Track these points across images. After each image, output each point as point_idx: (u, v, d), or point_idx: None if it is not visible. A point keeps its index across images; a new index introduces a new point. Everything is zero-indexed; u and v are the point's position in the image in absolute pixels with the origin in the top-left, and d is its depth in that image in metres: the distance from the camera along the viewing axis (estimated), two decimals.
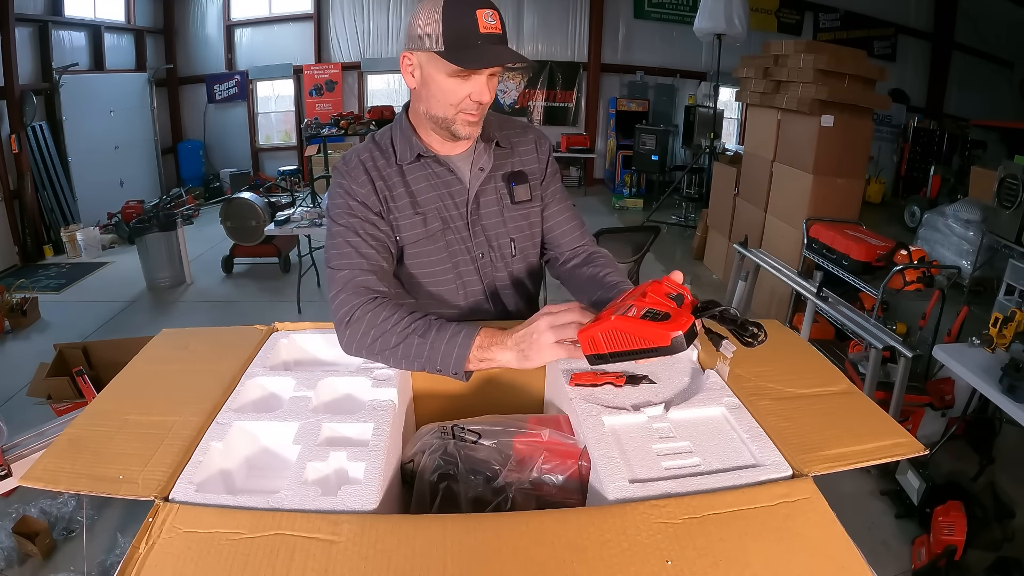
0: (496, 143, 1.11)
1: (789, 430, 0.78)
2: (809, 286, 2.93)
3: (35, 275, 5.05)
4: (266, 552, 0.58)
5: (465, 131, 1.01)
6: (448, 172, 1.08)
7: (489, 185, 1.11)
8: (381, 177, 1.05)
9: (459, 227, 1.10)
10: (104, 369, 2.73)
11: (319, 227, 4.13)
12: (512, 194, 1.11)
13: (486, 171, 1.10)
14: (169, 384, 0.88)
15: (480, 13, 0.92)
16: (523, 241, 1.16)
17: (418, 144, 1.06)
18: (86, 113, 6.31)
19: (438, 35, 0.92)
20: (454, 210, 1.09)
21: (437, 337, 0.88)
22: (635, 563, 0.57)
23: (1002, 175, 4.01)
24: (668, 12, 8.10)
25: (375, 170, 1.05)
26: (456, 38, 0.92)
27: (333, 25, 8.27)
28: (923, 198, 6.28)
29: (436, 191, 1.08)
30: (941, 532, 2.00)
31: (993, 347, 2.15)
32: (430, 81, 0.98)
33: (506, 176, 1.12)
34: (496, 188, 1.12)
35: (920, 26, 8.05)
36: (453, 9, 0.91)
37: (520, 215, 1.14)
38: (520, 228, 1.15)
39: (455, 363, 0.87)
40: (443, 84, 0.96)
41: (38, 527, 2.08)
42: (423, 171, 1.08)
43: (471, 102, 0.98)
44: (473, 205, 1.10)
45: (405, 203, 1.06)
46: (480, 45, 0.93)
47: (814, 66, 3.58)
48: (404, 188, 1.06)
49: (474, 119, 1.01)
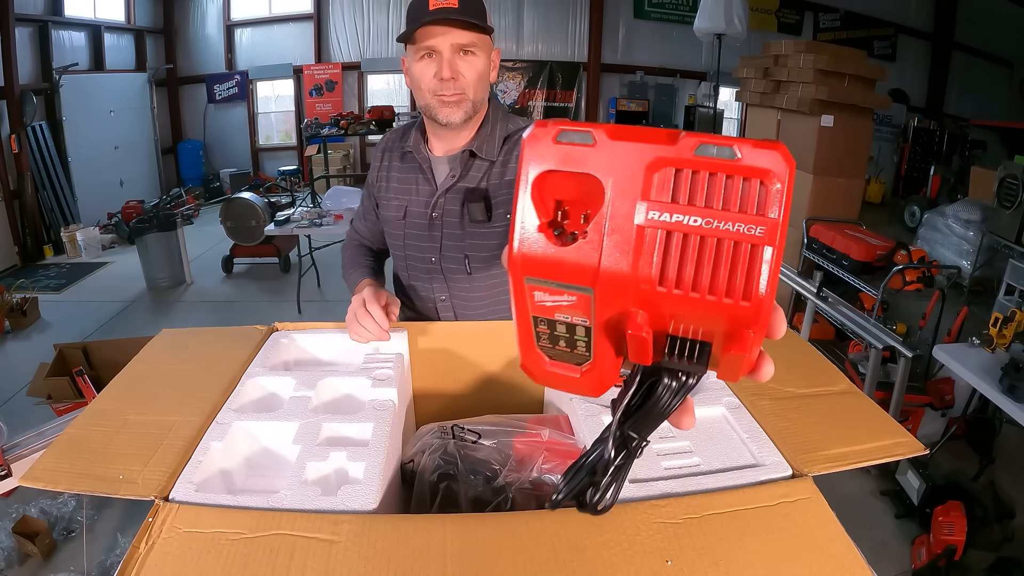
0: (470, 152, 1.07)
1: (789, 430, 0.78)
2: (809, 286, 2.93)
3: (35, 275, 5.05)
4: (266, 552, 0.58)
5: (443, 114, 1.02)
6: (421, 170, 1.12)
7: (457, 195, 1.08)
8: (389, 158, 1.19)
9: (419, 224, 1.12)
10: (104, 369, 2.73)
11: (319, 227, 4.13)
12: (470, 212, 1.06)
13: (456, 178, 1.08)
14: (169, 384, 0.88)
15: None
16: (478, 262, 1.10)
17: (417, 139, 1.12)
18: (86, 113, 6.31)
19: (404, 27, 0.99)
20: (417, 205, 1.12)
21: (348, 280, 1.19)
22: (635, 563, 0.57)
23: (1002, 175, 4.01)
24: (668, 12, 8.10)
25: (388, 151, 1.19)
26: (411, 20, 0.97)
27: (333, 25, 8.27)
28: (923, 198, 6.28)
29: (409, 181, 1.14)
30: (941, 532, 2.00)
31: (993, 347, 2.15)
32: (411, 73, 1.04)
33: (469, 192, 1.07)
34: (459, 200, 1.09)
35: (920, 26, 8.05)
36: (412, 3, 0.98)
37: (478, 235, 1.08)
38: (477, 247, 1.10)
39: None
40: (414, 71, 1.02)
41: (38, 527, 2.08)
42: (410, 162, 1.15)
43: (439, 82, 1.00)
44: (436, 212, 1.10)
45: (389, 184, 1.18)
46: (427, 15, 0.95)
47: (814, 66, 3.58)
48: (397, 172, 1.17)
49: (449, 99, 1.01)
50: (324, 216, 4.22)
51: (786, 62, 3.91)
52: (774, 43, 4.17)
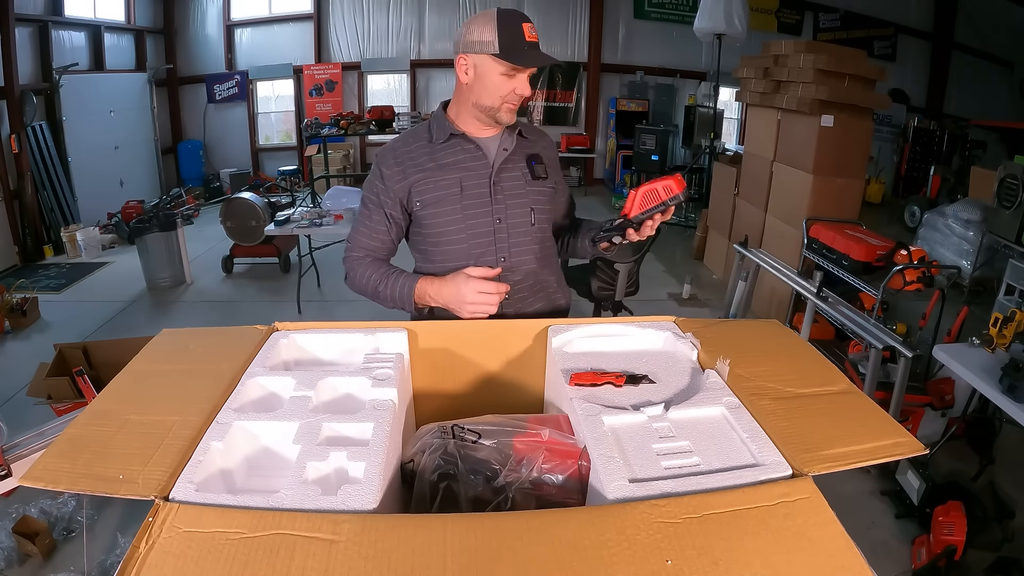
0: (519, 132, 1.34)
1: (789, 430, 0.78)
2: (809, 286, 2.92)
3: (35, 275, 5.05)
4: (266, 552, 0.58)
5: (507, 118, 1.26)
6: (476, 148, 1.30)
7: (511, 163, 1.32)
8: (410, 155, 1.29)
9: (479, 192, 1.29)
10: (104, 369, 2.72)
11: (319, 227, 4.13)
12: (532, 171, 1.33)
13: (509, 151, 1.31)
14: (169, 384, 0.88)
15: (525, 26, 1.20)
16: (541, 214, 1.34)
17: (451, 127, 1.29)
18: (86, 113, 6.31)
19: (494, 41, 1.18)
20: (475, 178, 1.29)
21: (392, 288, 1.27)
22: (635, 563, 0.57)
23: (1002, 175, 4.01)
24: (668, 12, 8.10)
25: (404, 152, 1.30)
26: (509, 44, 1.18)
27: (333, 25, 8.27)
28: (923, 198, 6.28)
29: (461, 161, 1.29)
30: (941, 532, 2.00)
31: (993, 347, 2.15)
32: (484, 77, 1.22)
33: (527, 157, 1.34)
34: (518, 166, 1.32)
35: (920, 26, 8.05)
36: (505, 22, 1.19)
37: (538, 191, 1.34)
38: (539, 202, 1.34)
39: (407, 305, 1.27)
40: (495, 80, 1.21)
41: (38, 527, 2.08)
42: (453, 148, 1.29)
43: (515, 95, 1.23)
44: (496, 177, 1.30)
45: (427, 169, 1.28)
46: (527, 51, 1.19)
47: (814, 66, 3.58)
48: (430, 160, 1.28)
49: (514, 108, 1.25)
50: (324, 216, 4.22)
51: (786, 62, 3.91)
52: (774, 43, 4.17)
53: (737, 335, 1.06)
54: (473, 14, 8.22)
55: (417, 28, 8.29)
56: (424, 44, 8.38)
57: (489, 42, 1.18)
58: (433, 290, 1.22)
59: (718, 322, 1.12)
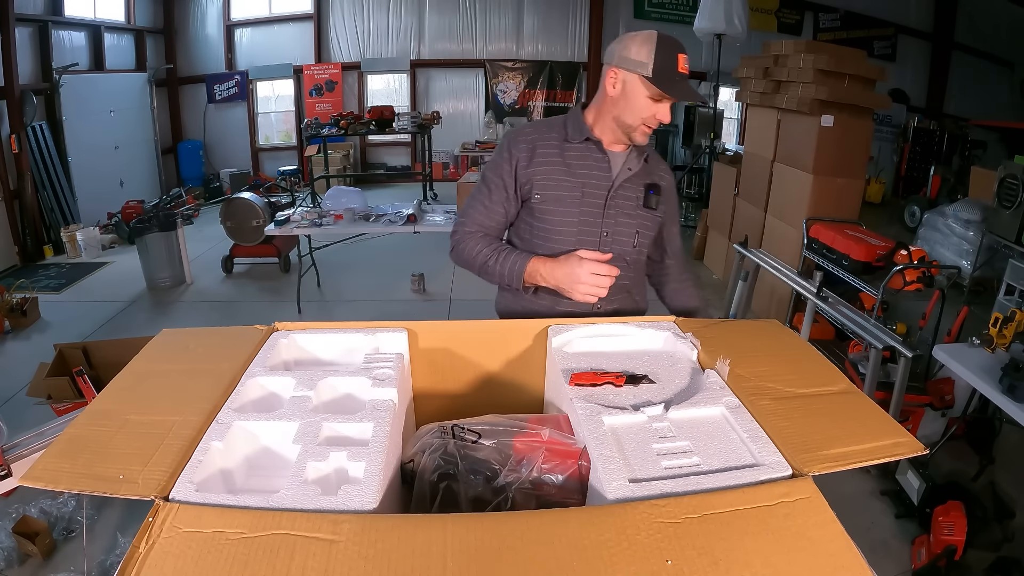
0: (646, 158, 1.36)
1: (789, 430, 0.78)
2: (809, 286, 2.92)
3: (35, 275, 5.05)
4: (266, 552, 0.58)
5: (640, 139, 1.28)
6: (605, 159, 1.32)
7: (630, 184, 1.34)
8: (542, 145, 1.31)
9: (596, 203, 1.31)
10: (104, 369, 2.72)
11: (319, 227, 4.13)
12: (647, 199, 1.35)
13: (633, 171, 1.33)
14: (169, 384, 0.88)
15: (680, 57, 1.21)
16: (643, 239, 1.37)
17: (588, 131, 1.31)
18: (86, 113, 6.31)
19: (648, 64, 1.19)
20: (596, 188, 1.31)
21: (502, 264, 1.28)
22: (635, 563, 0.57)
23: (1002, 175, 4.01)
24: (668, 12, 8.10)
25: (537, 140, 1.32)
26: (662, 71, 1.20)
27: (333, 25, 8.28)
28: (923, 198, 6.28)
29: (587, 167, 1.31)
30: (941, 532, 2.00)
31: (993, 347, 2.15)
32: (630, 95, 1.24)
33: (646, 184, 1.35)
34: (635, 190, 1.34)
35: (920, 26, 8.05)
36: (663, 49, 1.20)
37: (646, 218, 1.36)
38: (646, 227, 1.36)
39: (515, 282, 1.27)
40: (641, 101, 1.23)
41: (38, 527, 2.08)
42: (584, 151, 1.31)
43: (655, 120, 1.25)
44: (614, 193, 1.32)
45: (555, 164, 1.30)
46: (678, 81, 1.21)
47: (814, 66, 3.58)
48: (558, 155, 1.31)
49: (649, 132, 1.27)
50: (324, 216, 4.22)
51: (786, 62, 3.91)
52: (774, 43, 4.17)
53: (737, 335, 1.06)
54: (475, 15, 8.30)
55: (417, 28, 8.29)
56: (424, 44, 8.38)
57: (644, 63, 1.20)
58: (546, 270, 1.23)
59: (718, 322, 1.12)
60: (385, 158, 8.87)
